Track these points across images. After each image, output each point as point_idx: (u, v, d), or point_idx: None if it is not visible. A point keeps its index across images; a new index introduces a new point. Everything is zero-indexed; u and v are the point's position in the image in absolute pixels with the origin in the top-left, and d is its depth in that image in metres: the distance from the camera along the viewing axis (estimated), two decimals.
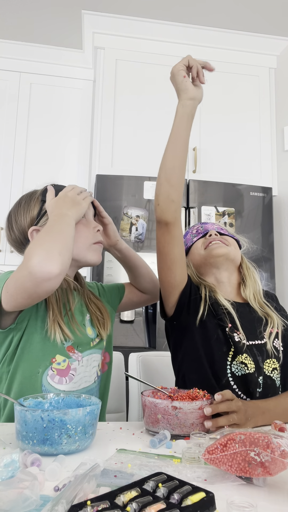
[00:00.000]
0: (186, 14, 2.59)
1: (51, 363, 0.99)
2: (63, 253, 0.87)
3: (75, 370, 1.02)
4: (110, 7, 2.54)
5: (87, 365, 1.05)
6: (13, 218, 1.11)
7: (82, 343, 1.06)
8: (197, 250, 1.25)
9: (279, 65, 2.85)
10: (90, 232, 1.10)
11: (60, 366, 1.00)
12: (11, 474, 0.55)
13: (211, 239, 1.23)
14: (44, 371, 0.98)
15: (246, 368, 1.07)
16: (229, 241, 1.24)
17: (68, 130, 2.87)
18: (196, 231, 1.30)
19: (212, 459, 0.62)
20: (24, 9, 2.55)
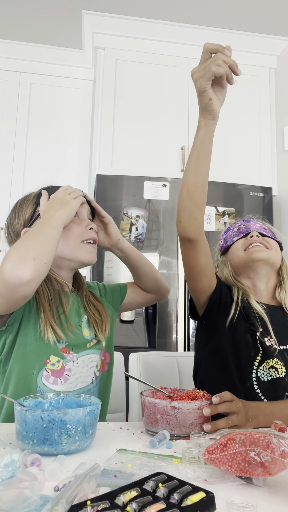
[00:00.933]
0: (186, 14, 2.59)
1: (46, 364, 0.99)
2: (38, 258, 0.86)
3: (70, 370, 1.02)
4: (110, 7, 2.54)
5: (83, 365, 1.05)
6: (9, 221, 1.13)
7: (77, 344, 1.05)
8: (236, 250, 1.22)
9: (279, 65, 2.85)
10: (81, 229, 1.08)
11: (54, 367, 1.00)
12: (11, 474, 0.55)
13: (252, 240, 1.19)
14: (39, 372, 0.98)
15: (277, 373, 1.07)
16: (271, 244, 1.20)
17: (68, 130, 2.87)
18: (237, 229, 1.26)
19: (212, 459, 0.62)
20: (24, 9, 2.55)
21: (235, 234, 1.25)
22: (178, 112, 2.67)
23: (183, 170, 2.58)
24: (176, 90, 2.70)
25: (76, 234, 1.06)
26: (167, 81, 2.71)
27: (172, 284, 2.35)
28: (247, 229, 1.23)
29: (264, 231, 1.23)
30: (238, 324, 1.12)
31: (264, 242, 1.19)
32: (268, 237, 1.21)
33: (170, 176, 2.52)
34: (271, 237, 1.22)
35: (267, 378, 1.07)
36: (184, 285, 2.36)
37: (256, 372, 1.08)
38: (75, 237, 1.06)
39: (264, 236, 1.21)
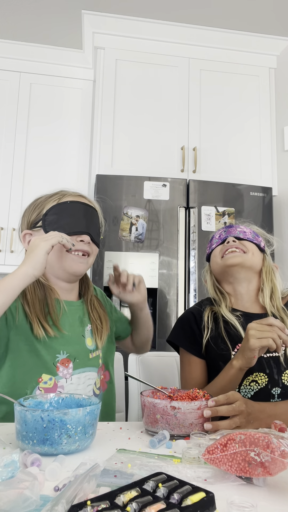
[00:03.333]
0: (186, 14, 2.59)
1: (38, 383, 0.99)
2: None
3: (63, 387, 1.01)
4: (110, 7, 2.54)
5: (78, 383, 1.04)
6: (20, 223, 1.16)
7: (79, 355, 1.05)
8: (215, 258, 1.24)
9: (279, 65, 2.85)
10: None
11: (46, 385, 0.99)
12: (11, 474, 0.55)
13: (228, 246, 1.21)
14: (32, 392, 0.98)
15: (257, 385, 1.08)
16: (247, 247, 1.21)
17: (68, 130, 2.87)
18: (218, 236, 1.28)
19: (212, 459, 0.62)
20: (24, 9, 2.55)
21: (215, 241, 1.27)
22: (178, 112, 2.67)
23: (183, 170, 2.59)
24: (176, 90, 2.70)
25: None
26: (167, 81, 2.71)
27: (172, 284, 2.35)
28: (226, 235, 1.25)
29: (243, 234, 1.24)
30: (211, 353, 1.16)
31: (240, 246, 1.20)
32: (245, 240, 1.22)
33: (170, 176, 2.52)
34: (248, 240, 1.22)
35: (250, 394, 1.09)
36: (184, 286, 2.36)
37: (239, 391, 1.09)
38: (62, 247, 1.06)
39: (241, 240, 1.22)
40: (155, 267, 2.34)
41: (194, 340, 1.19)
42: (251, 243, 1.22)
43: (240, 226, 1.28)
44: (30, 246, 0.97)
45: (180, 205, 2.42)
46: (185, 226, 2.42)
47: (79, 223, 1.08)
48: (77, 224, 1.08)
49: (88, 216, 1.11)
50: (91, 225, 1.11)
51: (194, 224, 2.40)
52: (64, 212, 1.07)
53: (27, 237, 1.10)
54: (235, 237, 1.23)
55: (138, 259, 2.34)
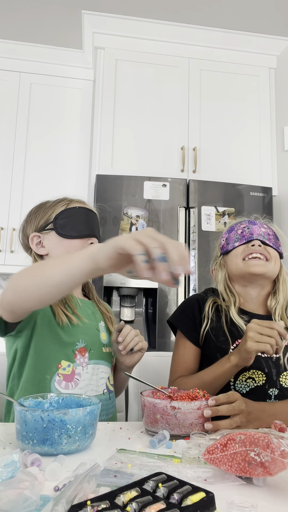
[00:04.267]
0: (186, 14, 2.59)
1: (58, 369, 1.03)
2: (18, 291, 0.84)
3: (80, 375, 1.05)
4: (110, 7, 2.54)
5: (93, 373, 1.08)
6: (23, 226, 1.21)
7: (94, 346, 1.10)
8: (236, 258, 1.20)
9: (279, 65, 2.85)
10: (82, 243, 1.14)
11: (65, 371, 1.03)
12: (11, 474, 0.55)
13: (253, 250, 1.16)
14: (52, 377, 1.02)
15: (254, 382, 1.08)
16: (271, 254, 1.17)
17: (68, 130, 2.87)
18: (241, 232, 1.22)
19: (212, 459, 0.62)
20: (24, 9, 2.55)
21: (237, 238, 1.21)
22: (178, 112, 2.67)
23: (183, 170, 2.59)
24: (176, 90, 2.70)
25: (76, 247, 1.12)
26: (167, 81, 2.71)
27: None
28: (251, 234, 1.19)
29: (268, 238, 1.19)
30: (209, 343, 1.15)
31: (264, 253, 1.16)
32: (270, 246, 1.19)
33: (170, 176, 2.52)
34: (273, 247, 1.19)
35: (245, 390, 1.09)
36: (184, 286, 2.36)
37: (233, 386, 1.09)
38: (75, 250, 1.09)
39: (266, 245, 1.18)
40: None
41: (194, 326, 1.19)
42: (275, 250, 1.19)
43: (264, 225, 1.22)
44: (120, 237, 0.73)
45: (180, 205, 2.42)
46: (185, 226, 2.42)
47: (88, 227, 1.16)
48: (87, 228, 1.15)
49: (94, 221, 1.19)
50: (96, 229, 1.19)
51: (194, 224, 2.40)
52: (73, 217, 1.14)
53: (35, 239, 1.16)
54: (262, 241, 1.18)
55: None
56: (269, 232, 1.21)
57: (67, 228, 1.13)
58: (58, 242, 1.13)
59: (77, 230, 1.13)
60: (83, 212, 1.16)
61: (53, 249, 1.14)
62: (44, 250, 1.15)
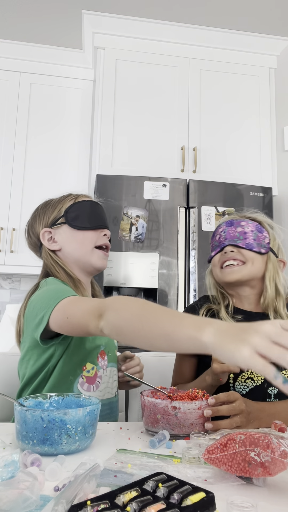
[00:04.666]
0: (186, 14, 2.59)
1: (82, 371, 1.02)
2: (123, 335, 0.79)
3: (101, 378, 1.06)
4: (110, 7, 2.54)
5: (109, 376, 1.09)
6: (30, 224, 1.19)
7: (111, 349, 1.11)
8: (215, 267, 1.20)
9: (279, 65, 2.85)
10: (96, 235, 1.14)
11: (89, 373, 1.03)
12: (11, 474, 0.55)
13: (226, 258, 1.16)
14: (76, 379, 1.01)
15: (253, 382, 1.08)
16: (246, 256, 1.14)
17: (68, 130, 2.87)
18: (218, 238, 1.21)
19: (212, 459, 0.62)
20: (24, 9, 2.55)
21: (215, 246, 1.21)
22: (178, 112, 2.67)
23: (183, 170, 2.59)
24: (176, 90, 2.70)
25: (91, 239, 1.12)
26: (167, 81, 2.71)
27: (172, 284, 2.35)
28: (224, 240, 1.18)
29: (242, 238, 1.15)
30: None
31: (238, 257, 1.15)
32: (244, 248, 1.15)
33: (170, 176, 2.51)
34: (246, 248, 1.14)
35: (245, 391, 1.09)
36: (184, 286, 2.36)
37: (233, 387, 1.10)
38: (90, 242, 1.12)
39: (240, 248, 1.15)
40: (155, 267, 2.34)
41: None
42: (249, 251, 1.15)
43: (241, 222, 1.18)
44: (246, 328, 0.62)
45: (180, 205, 2.42)
46: (185, 226, 2.42)
47: (100, 218, 1.16)
48: (99, 219, 1.15)
49: (104, 213, 1.19)
50: (107, 221, 1.20)
51: (194, 224, 2.40)
52: (83, 209, 1.14)
53: (46, 235, 1.14)
54: (234, 245, 1.16)
55: (138, 259, 2.34)
56: (246, 230, 1.16)
57: (80, 220, 1.12)
58: (72, 235, 1.12)
59: (89, 221, 1.13)
60: (92, 204, 1.16)
61: (66, 243, 1.13)
62: (57, 245, 1.13)
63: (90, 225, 1.13)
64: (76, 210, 1.13)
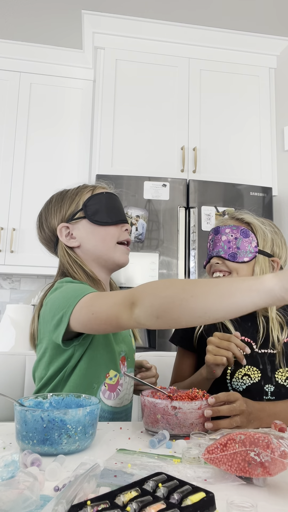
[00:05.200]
0: (186, 14, 2.59)
1: (105, 379, 0.99)
2: (162, 317, 0.74)
3: (122, 385, 1.03)
4: (110, 7, 2.54)
5: (128, 382, 1.06)
6: (43, 217, 1.11)
7: (130, 354, 1.08)
8: (209, 274, 1.22)
9: (279, 65, 2.85)
10: (118, 230, 1.07)
11: (111, 381, 1.00)
12: (11, 474, 0.55)
13: (213, 269, 1.18)
14: (99, 386, 0.98)
15: (250, 379, 1.09)
16: (230, 267, 1.15)
17: (68, 130, 2.87)
18: (208, 246, 1.23)
19: (212, 459, 0.62)
20: (24, 9, 2.55)
21: (207, 253, 1.24)
22: (178, 112, 2.67)
23: (183, 170, 2.58)
24: (176, 90, 2.70)
25: (113, 234, 1.06)
26: (167, 81, 2.71)
27: None
28: (212, 250, 1.19)
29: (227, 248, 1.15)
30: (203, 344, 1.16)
31: (223, 268, 1.16)
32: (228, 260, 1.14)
33: (170, 176, 2.52)
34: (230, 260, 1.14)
35: (242, 388, 1.09)
36: None
37: (230, 384, 1.10)
38: (112, 237, 1.06)
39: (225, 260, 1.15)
40: (155, 267, 2.34)
41: (185, 334, 1.22)
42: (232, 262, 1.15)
43: (226, 229, 1.17)
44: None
45: (180, 205, 2.42)
46: (185, 226, 2.42)
47: (119, 212, 1.09)
48: (119, 214, 1.08)
49: (121, 206, 1.12)
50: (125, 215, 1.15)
51: (194, 224, 2.40)
52: (103, 202, 1.06)
53: (63, 230, 1.06)
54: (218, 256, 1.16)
55: (138, 259, 2.34)
56: (229, 239, 1.16)
57: (100, 215, 1.05)
58: (92, 230, 1.05)
59: (110, 216, 1.06)
60: (111, 197, 1.09)
61: (86, 239, 1.05)
62: (76, 242, 1.06)
63: (111, 220, 1.05)
64: (95, 204, 1.06)
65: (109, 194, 1.09)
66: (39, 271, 2.70)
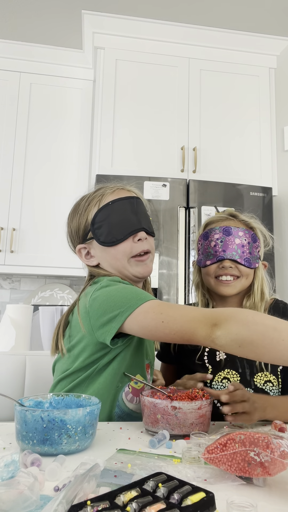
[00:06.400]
0: (186, 14, 2.59)
1: (130, 381, 0.99)
2: (244, 347, 0.74)
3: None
4: (110, 7, 2.54)
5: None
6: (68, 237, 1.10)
7: (152, 362, 1.09)
8: (208, 276, 1.19)
9: (279, 65, 2.85)
10: (129, 244, 1.01)
11: (136, 385, 1.00)
12: (11, 474, 0.55)
13: (223, 272, 1.15)
14: (123, 387, 0.99)
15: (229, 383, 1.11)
16: (242, 272, 1.15)
17: (68, 130, 2.87)
18: (214, 245, 1.17)
19: (211, 459, 0.62)
20: (24, 9, 2.55)
21: (210, 253, 1.17)
22: (178, 112, 2.67)
23: (183, 170, 2.58)
24: (176, 90, 2.70)
25: (123, 252, 1.01)
26: (167, 81, 2.71)
27: (172, 284, 2.35)
28: (223, 252, 1.15)
29: (241, 252, 1.14)
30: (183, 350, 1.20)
31: (235, 272, 1.15)
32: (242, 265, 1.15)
33: (170, 176, 2.52)
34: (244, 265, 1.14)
35: None
36: (184, 285, 2.36)
37: (210, 387, 1.12)
38: (123, 255, 1.01)
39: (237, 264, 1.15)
40: (155, 267, 2.34)
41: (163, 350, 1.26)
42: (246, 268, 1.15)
43: (239, 232, 1.16)
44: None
45: (180, 205, 2.42)
46: (185, 226, 2.42)
47: (129, 222, 1.01)
48: (128, 224, 1.01)
49: (134, 209, 1.03)
50: (142, 217, 1.04)
51: (194, 224, 2.40)
52: (110, 216, 1.00)
53: (82, 251, 1.05)
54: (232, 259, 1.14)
55: None
56: (243, 243, 1.15)
57: (106, 234, 0.99)
58: (103, 250, 1.02)
59: (117, 232, 0.99)
60: (119, 205, 1.01)
61: (102, 258, 1.03)
62: (95, 260, 1.04)
63: (119, 236, 0.99)
64: (101, 220, 1.00)
65: (117, 202, 1.02)
66: (39, 271, 2.70)
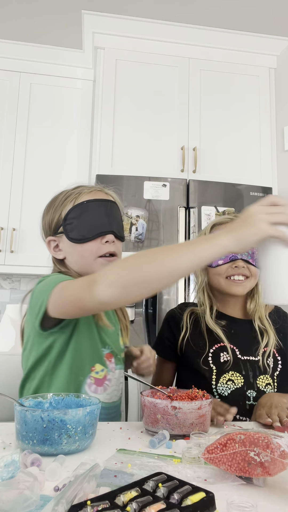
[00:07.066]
0: (186, 14, 2.59)
1: (91, 372, 1.00)
2: (129, 287, 0.77)
3: (110, 380, 1.04)
4: (110, 7, 2.54)
5: (117, 378, 1.07)
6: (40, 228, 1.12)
7: (118, 351, 1.08)
8: (218, 276, 1.19)
9: (279, 65, 2.85)
10: (96, 245, 1.03)
11: (98, 375, 1.01)
12: (11, 474, 0.55)
13: (235, 272, 1.17)
14: (85, 379, 0.99)
15: (234, 384, 1.12)
16: (252, 272, 1.18)
17: (68, 130, 2.87)
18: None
19: (211, 459, 0.62)
20: (24, 9, 2.55)
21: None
22: (178, 112, 2.67)
23: (183, 170, 2.58)
24: (176, 90, 2.70)
25: (90, 250, 1.03)
26: (167, 81, 2.71)
27: None
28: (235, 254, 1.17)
29: (251, 253, 1.18)
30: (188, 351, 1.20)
31: (246, 272, 1.17)
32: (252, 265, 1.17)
33: (170, 176, 2.51)
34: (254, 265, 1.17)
35: (227, 392, 1.12)
36: (184, 285, 2.36)
37: (216, 389, 1.13)
38: (90, 254, 1.03)
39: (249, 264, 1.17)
40: None
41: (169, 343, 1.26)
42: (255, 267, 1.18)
43: None
44: (247, 215, 0.73)
45: (180, 205, 2.42)
46: (185, 226, 2.42)
47: (99, 223, 1.03)
48: (98, 225, 1.03)
49: (107, 212, 1.05)
50: (113, 221, 1.06)
51: (194, 224, 2.40)
52: (82, 214, 1.03)
53: (51, 243, 1.08)
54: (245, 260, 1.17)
55: None
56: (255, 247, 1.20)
57: (76, 231, 1.02)
58: (70, 246, 1.04)
59: (87, 230, 1.02)
60: (93, 206, 1.03)
61: (68, 253, 1.05)
62: (62, 254, 1.06)
63: (88, 235, 1.02)
64: (74, 218, 1.02)
65: (92, 203, 1.04)
66: (39, 271, 2.69)
